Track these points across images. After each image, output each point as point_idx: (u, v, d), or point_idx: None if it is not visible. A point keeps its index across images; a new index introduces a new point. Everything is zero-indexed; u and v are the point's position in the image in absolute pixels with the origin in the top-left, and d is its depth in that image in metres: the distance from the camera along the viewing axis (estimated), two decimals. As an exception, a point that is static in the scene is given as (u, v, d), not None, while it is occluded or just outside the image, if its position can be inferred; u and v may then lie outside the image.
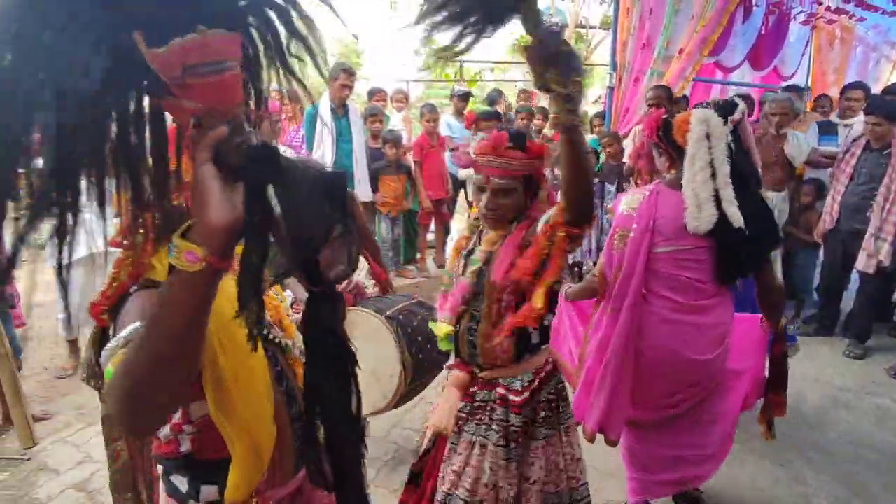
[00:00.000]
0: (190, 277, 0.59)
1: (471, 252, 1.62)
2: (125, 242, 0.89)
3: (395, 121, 5.79)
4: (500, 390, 1.53)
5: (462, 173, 4.61)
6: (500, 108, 6.43)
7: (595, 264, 5.06)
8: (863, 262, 3.57)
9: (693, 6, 4.76)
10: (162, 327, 0.61)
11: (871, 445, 2.72)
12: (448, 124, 5.59)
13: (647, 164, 3.95)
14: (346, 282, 1.75)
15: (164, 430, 0.95)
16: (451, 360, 1.73)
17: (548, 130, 4.96)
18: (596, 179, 4.83)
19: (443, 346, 1.64)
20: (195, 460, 0.99)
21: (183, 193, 0.75)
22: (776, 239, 2.29)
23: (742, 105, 1.85)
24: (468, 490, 1.51)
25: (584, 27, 11.54)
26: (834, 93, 7.15)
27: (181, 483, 1.01)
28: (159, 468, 1.08)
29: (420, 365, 2.03)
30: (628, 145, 4.67)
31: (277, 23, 0.67)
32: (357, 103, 5.54)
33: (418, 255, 5.28)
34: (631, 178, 4.33)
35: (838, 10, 6.84)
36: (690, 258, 1.80)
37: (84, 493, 2.36)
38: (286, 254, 0.66)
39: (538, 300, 1.40)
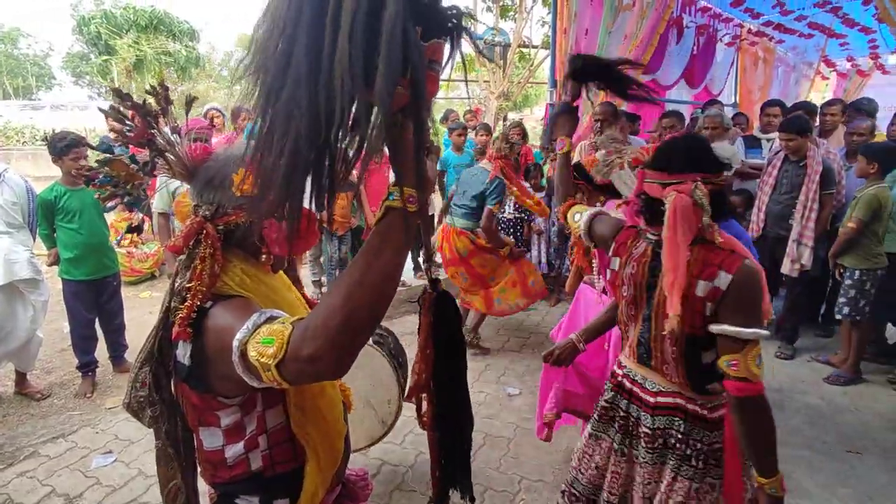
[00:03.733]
0: (405, 217, 0.74)
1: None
2: (185, 249, 0.97)
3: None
4: None
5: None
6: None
7: (545, 276, 5.13)
8: (787, 267, 3.76)
9: (625, 27, 4.97)
10: (381, 261, 0.73)
11: (804, 444, 2.83)
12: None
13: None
14: None
15: (233, 451, 1.00)
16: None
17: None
18: (543, 194, 4.92)
19: None
20: (264, 477, 1.02)
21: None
22: None
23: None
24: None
25: (526, 46, 11.90)
26: (758, 109, 7.65)
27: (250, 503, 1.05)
28: (211, 498, 1.12)
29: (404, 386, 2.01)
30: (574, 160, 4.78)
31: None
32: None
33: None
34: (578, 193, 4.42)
35: (759, 33, 7.35)
36: None
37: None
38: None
39: None
